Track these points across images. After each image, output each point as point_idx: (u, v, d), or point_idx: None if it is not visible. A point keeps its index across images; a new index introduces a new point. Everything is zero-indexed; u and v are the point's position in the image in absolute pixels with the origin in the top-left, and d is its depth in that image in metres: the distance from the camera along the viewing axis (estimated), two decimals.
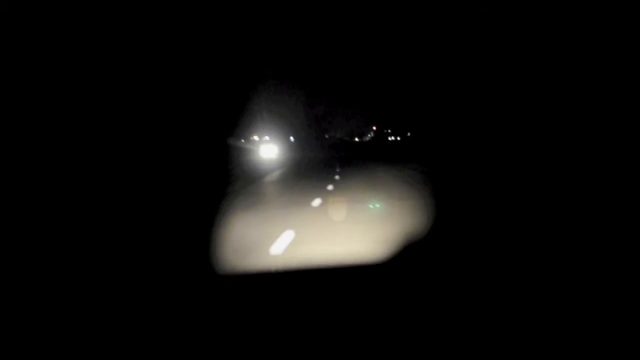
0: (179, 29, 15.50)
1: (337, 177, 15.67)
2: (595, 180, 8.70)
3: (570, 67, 13.64)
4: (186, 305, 3.38)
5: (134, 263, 4.57)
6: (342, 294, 3.56)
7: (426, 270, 4.24)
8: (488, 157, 17.04)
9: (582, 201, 7.31)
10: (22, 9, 9.22)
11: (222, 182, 12.87)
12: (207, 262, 4.66)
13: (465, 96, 24.50)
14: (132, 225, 6.41)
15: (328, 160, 27.38)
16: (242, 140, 30.16)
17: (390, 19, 35.32)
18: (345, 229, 6.38)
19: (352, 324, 2.94)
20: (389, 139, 59.88)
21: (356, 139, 70.25)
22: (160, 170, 11.44)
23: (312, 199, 9.53)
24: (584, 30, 12.95)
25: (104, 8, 11.34)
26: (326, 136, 59.81)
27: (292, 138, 48.71)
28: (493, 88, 20.09)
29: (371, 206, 8.66)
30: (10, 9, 8.97)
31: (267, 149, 29.16)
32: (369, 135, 71.44)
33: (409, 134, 50.41)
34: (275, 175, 18.02)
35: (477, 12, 19.72)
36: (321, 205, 8.88)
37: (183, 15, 15.90)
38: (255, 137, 34.33)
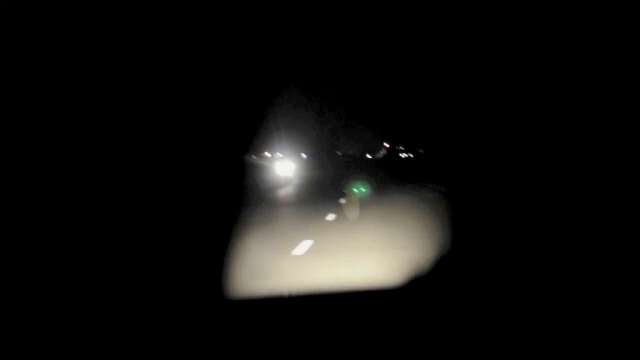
0: (192, 44, 14.12)
1: (342, 200, 12.93)
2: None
3: (590, 80, 11.54)
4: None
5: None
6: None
7: None
8: (504, 172, 14.59)
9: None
10: (22, 9, 8.04)
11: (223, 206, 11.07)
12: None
13: (478, 112, 22.65)
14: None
15: (337, 178, 25.38)
16: (254, 157, 28.31)
17: (402, 36, 33.01)
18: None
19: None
20: (401, 155, 57.03)
21: (368, 156, 67.29)
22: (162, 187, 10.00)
23: (299, 241, 6.60)
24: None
25: (113, 19, 10.19)
26: (338, 153, 57.09)
27: (304, 155, 46.65)
28: (506, 104, 18.11)
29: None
30: (10, 9, 7.79)
31: (283, 166, 27.54)
32: (381, 152, 68.58)
33: (421, 150, 47.71)
34: (276, 195, 15.74)
35: (490, 30, 17.72)
36: (309, 253, 5.97)
37: (197, 28, 14.47)
38: (267, 154, 32.63)
